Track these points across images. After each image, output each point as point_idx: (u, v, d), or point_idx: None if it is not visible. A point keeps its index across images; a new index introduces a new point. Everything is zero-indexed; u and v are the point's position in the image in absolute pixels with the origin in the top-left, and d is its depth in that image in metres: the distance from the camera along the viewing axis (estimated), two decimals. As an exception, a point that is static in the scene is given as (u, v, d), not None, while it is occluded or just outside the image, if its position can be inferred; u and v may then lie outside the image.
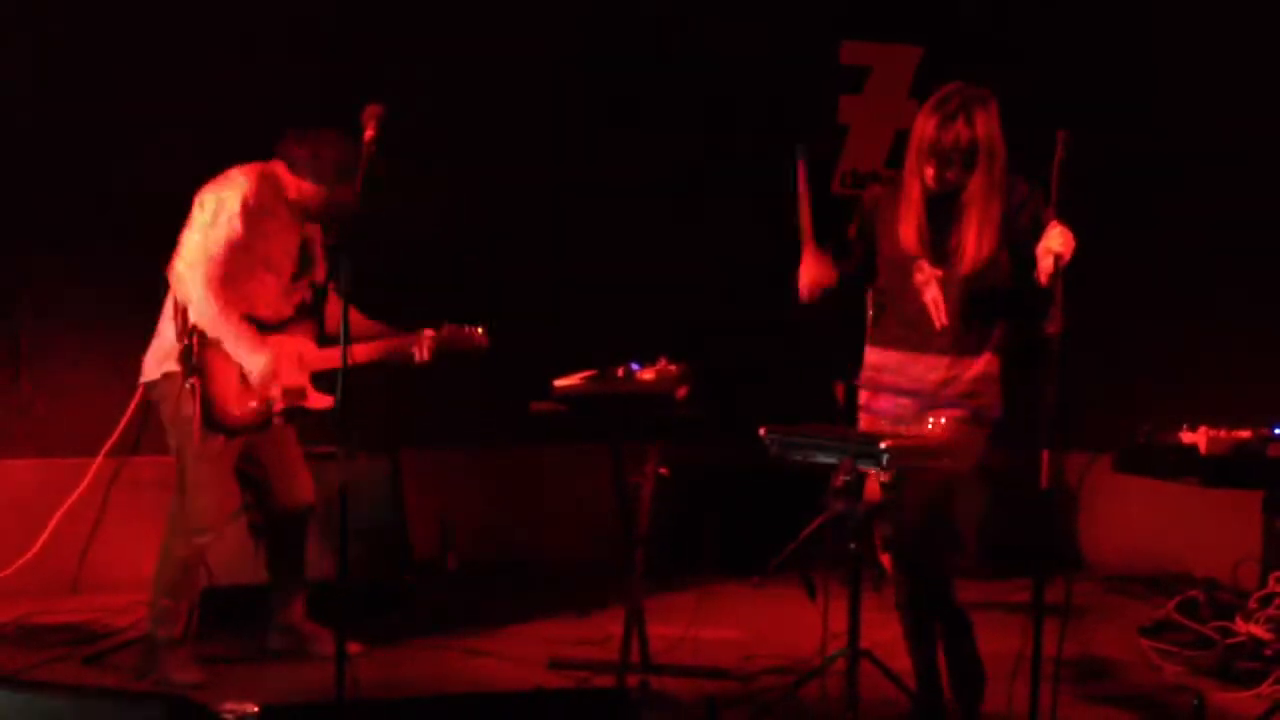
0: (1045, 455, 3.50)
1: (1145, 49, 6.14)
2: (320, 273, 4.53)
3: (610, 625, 4.76)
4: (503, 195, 5.19)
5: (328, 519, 4.59)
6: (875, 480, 3.96)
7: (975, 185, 3.75)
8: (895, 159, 6.29)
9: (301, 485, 4.58)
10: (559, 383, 4.41)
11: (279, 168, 4.37)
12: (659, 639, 4.62)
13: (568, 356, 4.45)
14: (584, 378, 4.40)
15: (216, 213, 4.23)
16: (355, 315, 4.40)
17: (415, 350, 4.54)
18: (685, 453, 4.69)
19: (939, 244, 3.85)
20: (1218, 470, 3.66)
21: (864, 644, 3.92)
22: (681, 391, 4.39)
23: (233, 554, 4.95)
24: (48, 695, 3.40)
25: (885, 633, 4.16)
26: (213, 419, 4.25)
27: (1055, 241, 3.55)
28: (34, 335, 5.48)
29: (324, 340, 4.46)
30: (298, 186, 4.35)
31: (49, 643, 4.71)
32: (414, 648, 4.75)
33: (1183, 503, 5.52)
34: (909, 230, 3.86)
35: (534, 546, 6.01)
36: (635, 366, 4.39)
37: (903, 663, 4.03)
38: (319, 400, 4.40)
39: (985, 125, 3.72)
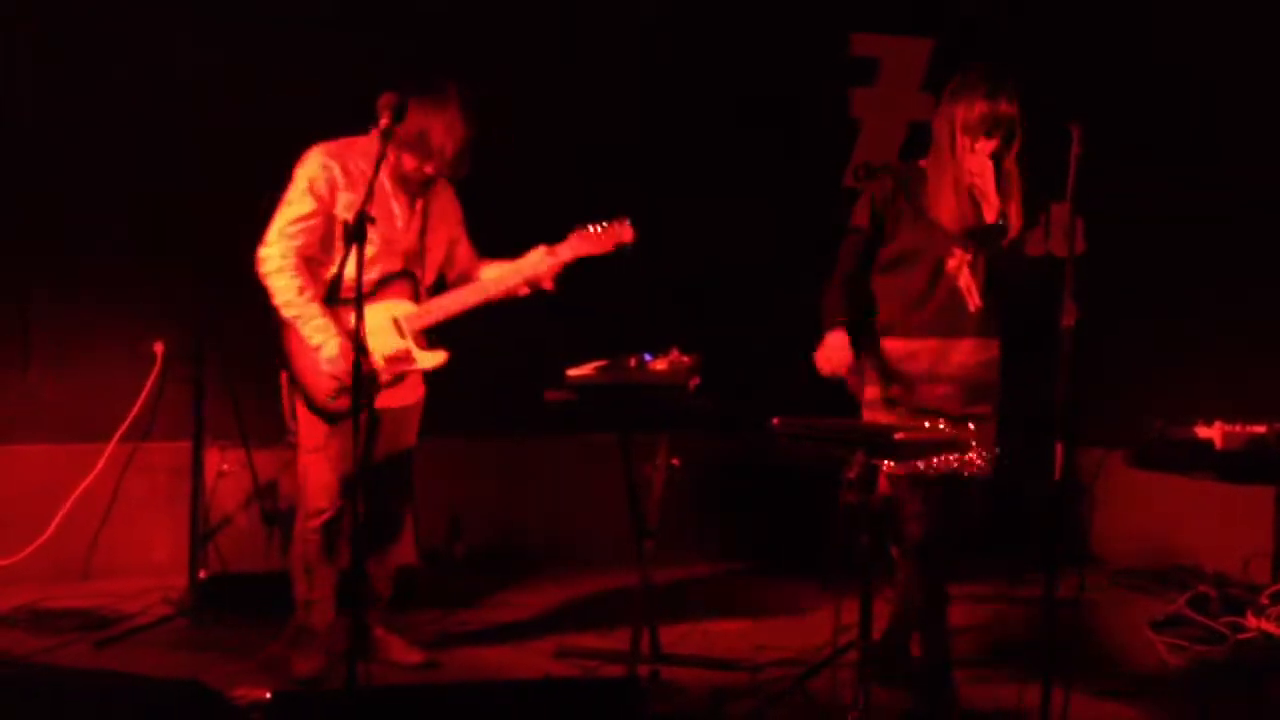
0: (1058, 448, 3.49)
1: (1153, 39, 6.11)
2: (429, 239, 4.30)
3: (619, 615, 4.76)
4: (517, 186, 5.17)
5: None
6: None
7: (1012, 158, 3.93)
8: (909, 151, 6.29)
9: (385, 496, 4.33)
10: (571, 372, 4.41)
11: (364, 139, 4.15)
12: (668, 629, 4.62)
13: (580, 346, 4.45)
14: (596, 367, 4.40)
15: (289, 191, 4.16)
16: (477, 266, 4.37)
17: (540, 281, 4.28)
18: (697, 443, 4.70)
19: (974, 225, 3.97)
20: (1232, 465, 3.66)
21: (874, 636, 3.92)
22: (694, 382, 4.39)
23: (245, 540, 4.96)
24: (61, 680, 3.42)
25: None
26: (311, 407, 4.17)
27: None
28: (46, 321, 5.49)
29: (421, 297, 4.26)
30: (398, 157, 4.14)
31: (61, 628, 4.71)
32: (422, 636, 4.75)
33: (1194, 497, 5.52)
34: (949, 205, 3.96)
35: (543, 535, 6.01)
36: (648, 357, 4.38)
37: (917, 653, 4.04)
38: (428, 359, 4.21)
39: (1017, 101, 3.91)
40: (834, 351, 3.98)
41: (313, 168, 4.15)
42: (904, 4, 6.61)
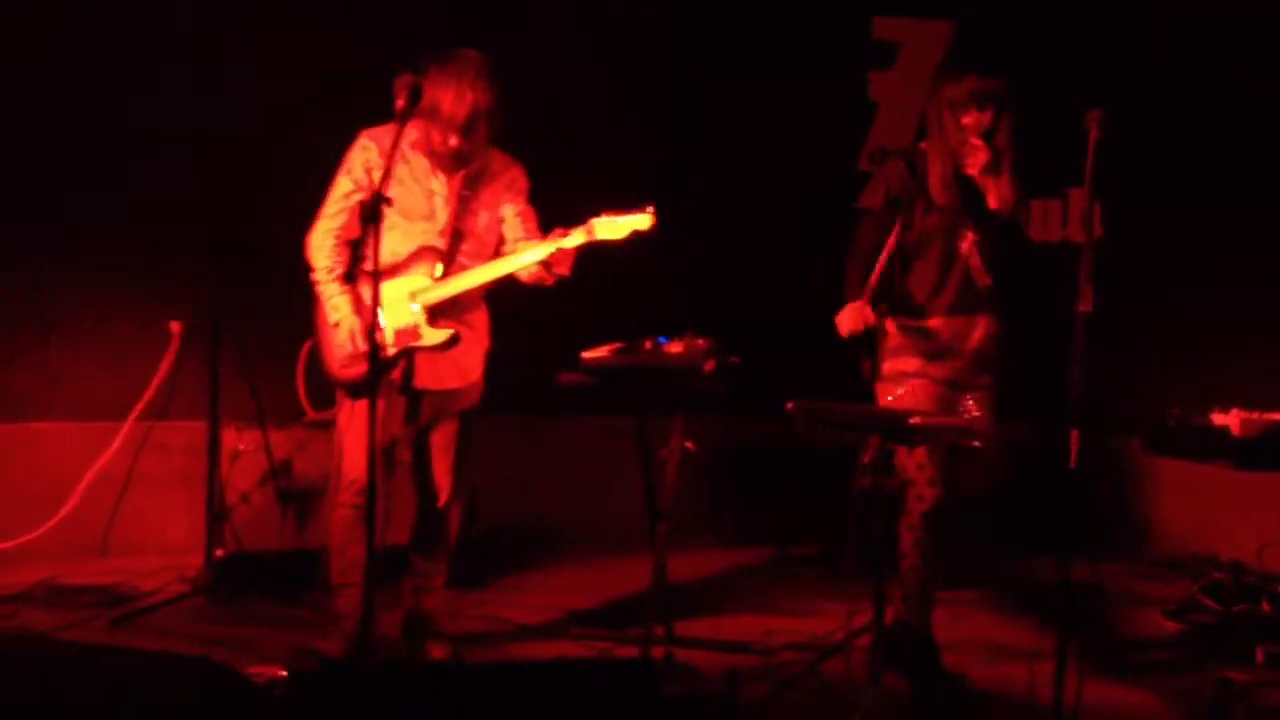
0: (1074, 435, 3.49)
1: (1174, 22, 6.07)
2: (468, 220, 4.24)
3: (633, 597, 4.78)
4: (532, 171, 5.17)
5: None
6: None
7: (1005, 130, 4.04)
8: (924, 135, 6.26)
9: (438, 466, 4.31)
10: (586, 354, 4.41)
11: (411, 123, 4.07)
12: (681, 611, 4.63)
13: (598, 327, 4.45)
14: (611, 350, 4.40)
15: (336, 174, 4.22)
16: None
17: (554, 265, 4.13)
18: (711, 426, 4.70)
19: (971, 201, 4.07)
20: (1250, 453, 3.63)
21: (888, 620, 3.93)
22: (708, 365, 4.38)
23: (260, 519, 4.98)
24: (77, 656, 3.44)
25: (909, 609, 4.15)
26: (327, 375, 4.22)
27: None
28: (64, 300, 5.52)
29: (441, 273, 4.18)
30: (426, 133, 4.13)
31: (77, 604, 4.75)
32: (437, 616, 4.76)
33: (1210, 485, 5.49)
34: (940, 183, 4.08)
35: (558, 517, 6.03)
36: (663, 340, 4.38)
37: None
38: (433, 335, 4.14)
39: (1008, 79, 4.05)
40: (855, 312, 4.06)
41: (355, 151, 4.19)
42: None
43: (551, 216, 4.28)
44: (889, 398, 4.14)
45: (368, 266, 3.83)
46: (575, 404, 4.74)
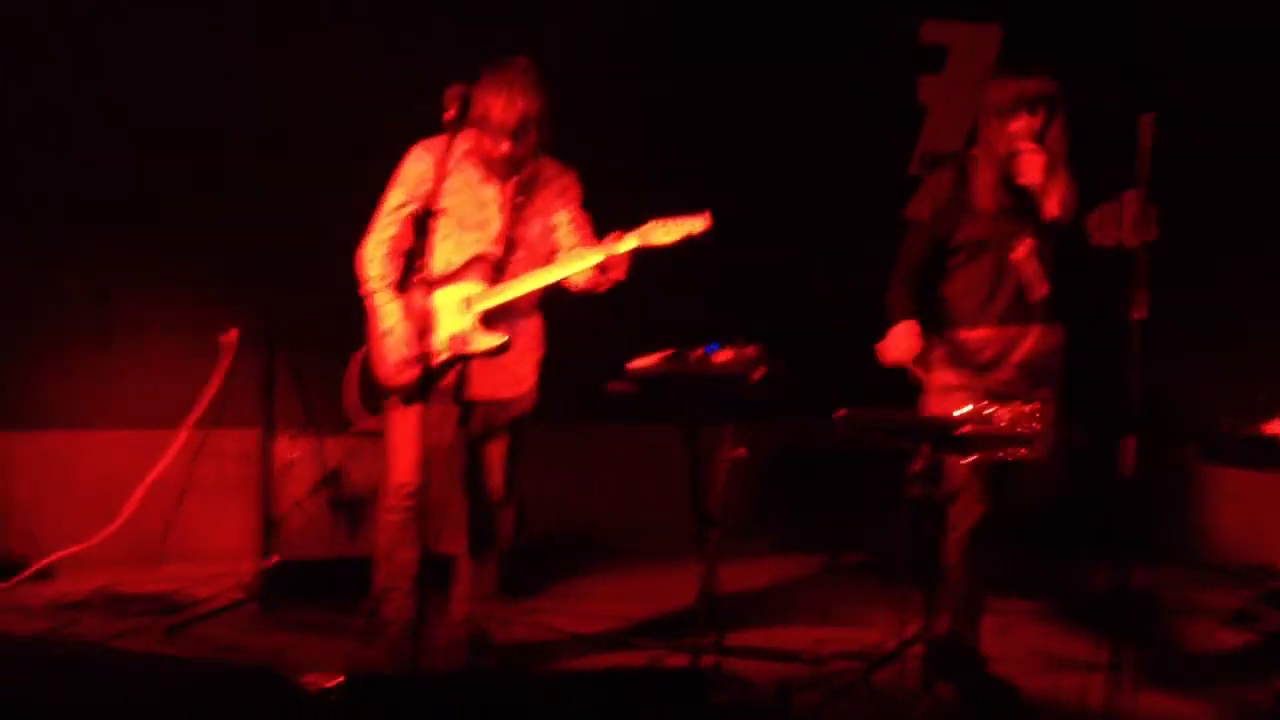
0: (1129, 442, 3.46)
1: (1228, 28, 5.99)
2: (521, 228, 4.27)
3: (684, 605, 4.77)
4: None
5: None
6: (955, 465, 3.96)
7: (1054, 134, 3.96)
8: (975, 141, 6.22)
9: (490, 473, 4.36)
10: (634, 364, 4.41)
11: (464, 133, 4.11)
12: (732, 620, 4.62)
13: (644, 336, 4.45)
14: (660, 358, 4.40)
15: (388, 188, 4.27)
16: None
17: (609, 271, 4.14)
18: (761, 432, 4.69)
19: (1021, 209, 3.99)
20: (1303, 463, 3.59)
21: (940, 629, 3.91)
22: (758, 373, 4.38)
23: (310, 526, 5.02)
24: (135, 665, 3.49)
25: (961, 618, 4.12)
26: (379, 383, 4.25)
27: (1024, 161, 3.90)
28: (124, 309, 5.59)
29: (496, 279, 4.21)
30: (478, 141, 4.16)
31: (133, 612, 4.81)
32: (487, 623, 4.79)
33: (1266, 492, 5.43)
34: (988, 189, 4.01)
35: (607, 525, 6.03)
36: (713, 347, 4.38)
37: (984, 647, 4.02)
38: (487, 340, 4.14)
39: (1055, 80, 3.96)
40: (900, 340, 4.03)
41: (409, 162, 4.24)
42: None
43: (602, 221, 4.30)
44: (936, 410, 4.10)
45: (422, 276, 3.87)
46: (624, 412, 4.75)
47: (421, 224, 3.72)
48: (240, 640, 4.56)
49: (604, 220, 4.31)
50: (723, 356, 4.37)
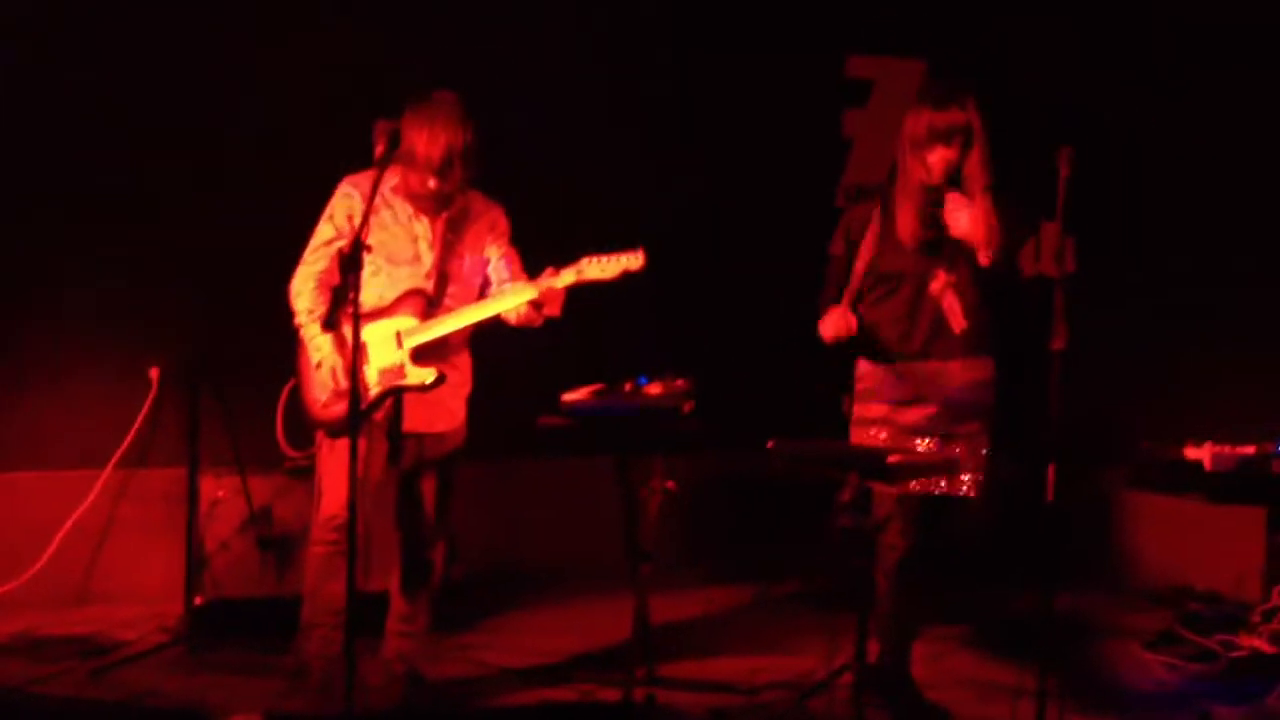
0: (1050, 470, 3.51)
1: (1148, 63, 6.15)
2: (452, 263, 4.27)
3: (616, 638, 4.77)
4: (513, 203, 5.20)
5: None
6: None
7: (972, 164, 3.90)
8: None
9: (421, 508, 4.34)
10: (566, 397, 4.43)
11: (392, 169, 4.11)
12: (664, 652, 4.62)
13: (577, 369, 4.47)
14: (591, 392, 4.42)
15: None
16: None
17: (545, 306, 4.16)
18: (692, 465, 4.71)
19: (940, 242, 3.96)
20: (1222, 486, 3.66)
21: (871, 658, 3.93)
22: (688, 405, 4.41)
23: (240, 566, 4.96)
24: (58, 710, 3.41)
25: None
26: (307, 416, 4.24)
27: (955, 214, 3.82)
28: (41, 347, 5.49)
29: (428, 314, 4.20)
30: (405, 177, 4.16)
31: (56, 655, 4.70)
32: (419, 660, 4.75)
33: (1187, 516, 5.53)
34: (908, 222, 3.96)
35: (539, 559, 6.01)
36: (643, 381, 4.40)
37: (915, 673, 4.05)
38: (418, 374, 4.13)
39: (972, 108, 3.91)
40: (837, 319, 3.98)
41: (337, 198, 4.23)
42: (898, 26, 6.65)
43: (539, 254, 4.32)
44: (856, 442, 4.12)
45: (350, 311, 3.84)
46: (556, 446, 4.75)
47: (350, 259, 3.68)
48: (165, 683, 4.47)
49: (538, 254, 4.33)
50: (653, 389, 4.40)
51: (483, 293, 4.33)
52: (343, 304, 4.01)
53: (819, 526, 4.30)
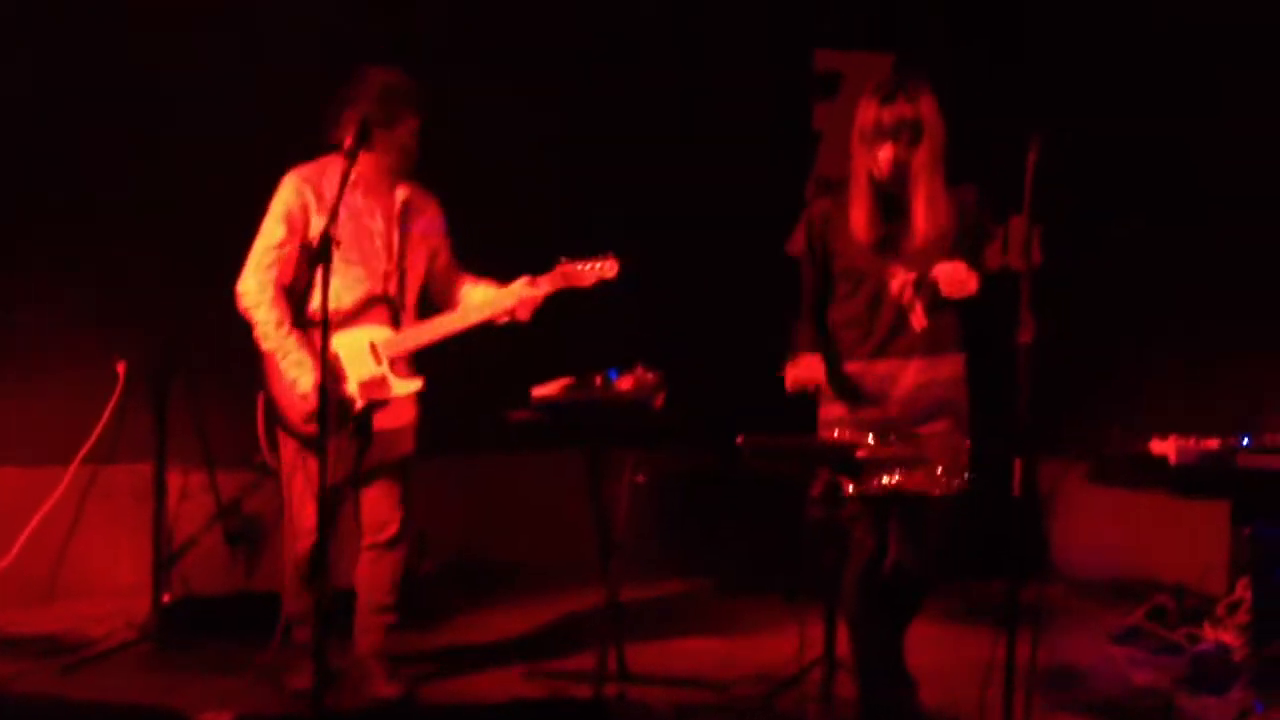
0: (1017, 464, 3.53)
1: (1117, 59, 6.18)
2: (409, 259, 4.31)
3: (587, 633, 4.77)
4: (479, 200, 5.18)
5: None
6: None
7: (920, 160, 3.79)
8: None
9: (382, 511, 4.34)
10: (537, 391, 4.42)
11: (339, 159, 4.06)
12: (635, 648, 4.63)
13: (548, 362, 4.46)
14: (562, 386, 4.41)
15: (265, 220, 4.17)
16: (458, 284, 4.36)
17: (516, 312, 4.26)
18: (663, 460, 4.72)
19: (896, 238, 3.87)
20: (1186, 480, 3.69)
21: (840, 652, 3.95)
22: (659, 399, 4.41)
23: (209, 562, 4.94)
24: (27, 708, 3.40)
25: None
26: (285, 428, 4.18)
27: (943, 269, 3.67)
28: (5, 342, 5.44)
29: (399, 323, 4.25)
30: (375, 164, 4.16)
31: (25, 653, 4.67)
32: (390, 657, 4.74)
33: (1152, 510, 5.57)
34: (860, 218, 3.87)
35: (510, 553, 6.01)
36: (613, 374, 4.40)
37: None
38: (404, 386, 4.19)
39: (925, 102, 3.79)
40: (804, 369, 3.90)
41: (286, 194, 4.15)
42: (866, 20, 6.67)
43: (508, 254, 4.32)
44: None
45: (314, 313, 3.81)
46: (526, 440, 4.74)
47: (320, 254, 3.62)
48: (134, 680, 4.46)
49: (506, 254, 4.34)
50: (624, 383, 4.40)
51: (432, 285, 4.35)
52: (304, 306, 4.01)
53: (792, 518, 4.31)
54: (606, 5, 6.29)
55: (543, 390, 4.42)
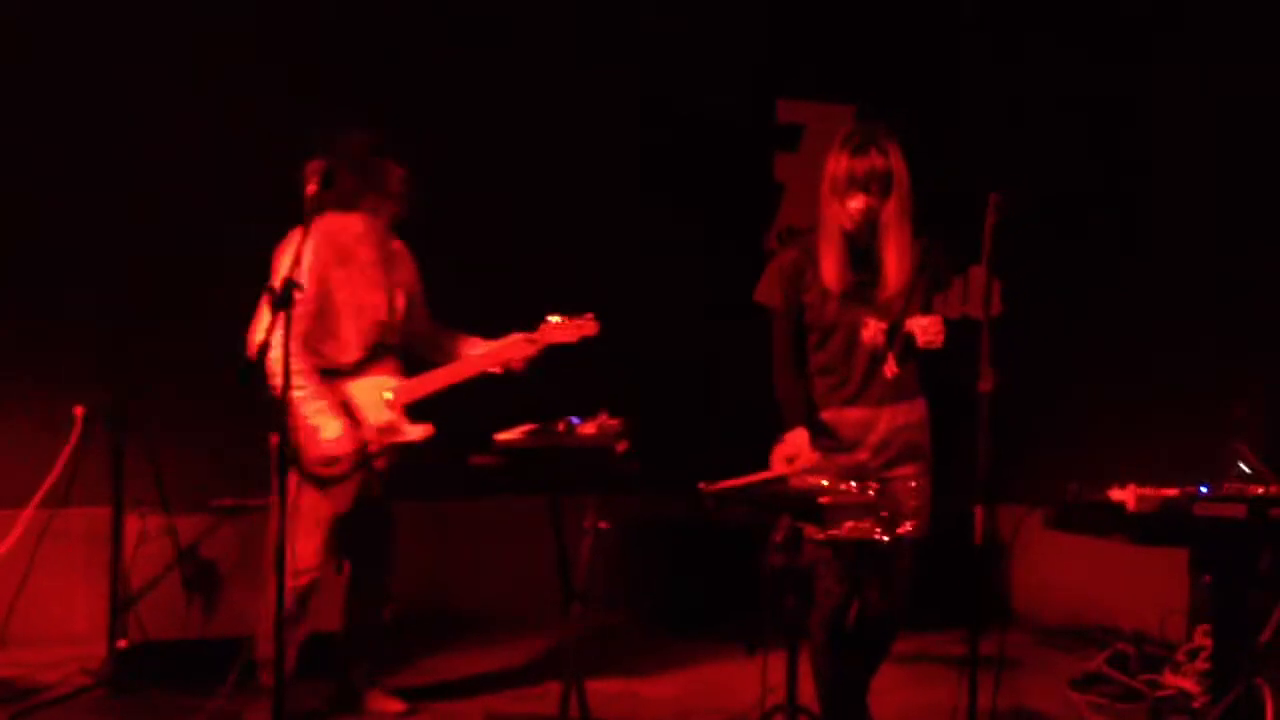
0: (978, 511, 3.54)
1: (1078, 112, 6.27)
2: (402, 310, 4.55)
3: (549, 679, 4.75)
4: (444, 247, 5.18)
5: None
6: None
7: (890, 211, 3.83)
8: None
9: (377, 553, 4.62)
10: (499, 436, 4.41)
11: (346, 216, 4.37)
12: (597, 694, 4.59)
13: (510, 410, 4.45)
14: (525, 431, 4.40)
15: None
16: (445, 335, 4.64)
17: (513, 363, 4.58)
18: (625, 505, 4.70)
19: (866, 287, 3.91)
20: (1145, 528, 3.70)
21: (801, 699, 3.93)
22: (621, 445, 4.40)
23: (166, 608, 4.88)
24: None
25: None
26: (302, 472, 4.30)
27: (919, 323, 3.72)
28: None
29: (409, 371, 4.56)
30: (360, 226, 4.39)
31: (-26, 699, 4.61)
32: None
33: (1112, 557, 5.59)
34: (831, 268, 3.90)
35: (472, 599, 5.98)
36: (575, 420, 4.40)
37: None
38: (415, 431, 4.46)
39: (894, 153, 3.83)
40: (794, 452, 3.86)
41: (292, 247, 4.19)
42: (829, 71, 6.75)
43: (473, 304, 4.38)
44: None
45: (334, 362, 4.16)
46: (488, 486, 4.72)
47: (282, 298, 3.65)
48: (88, 728, 4.40)
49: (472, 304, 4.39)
50: (587, 429, 4.39)
51: (417, 333, 4.56)
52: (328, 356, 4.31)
53: (753, 564, 4.30)
54: (568, 56, 6.34)
55: (505, 435, 4.41)
